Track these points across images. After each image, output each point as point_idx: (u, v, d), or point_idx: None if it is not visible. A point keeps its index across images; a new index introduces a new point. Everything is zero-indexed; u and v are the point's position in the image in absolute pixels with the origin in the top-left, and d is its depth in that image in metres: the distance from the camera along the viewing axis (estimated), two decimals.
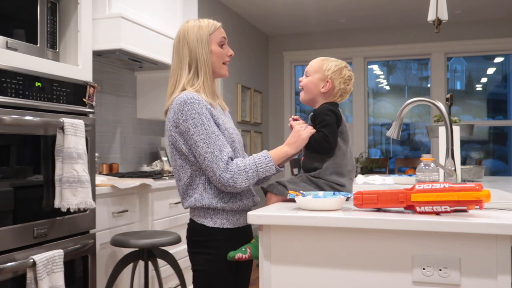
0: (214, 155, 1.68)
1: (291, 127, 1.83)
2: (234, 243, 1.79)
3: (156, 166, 4.04)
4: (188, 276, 2.59)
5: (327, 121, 1.74)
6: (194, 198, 1.76)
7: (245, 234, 1.85)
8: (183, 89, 1.80)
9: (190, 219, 1.82)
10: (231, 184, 1.68)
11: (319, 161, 1.74)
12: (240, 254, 1.73)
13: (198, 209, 1.78)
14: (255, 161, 1.72)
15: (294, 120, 1.87)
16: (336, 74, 1.80)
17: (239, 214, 1.81)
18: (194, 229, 1.80)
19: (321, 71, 1.81)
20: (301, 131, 1.77)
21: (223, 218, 1.77)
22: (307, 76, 1.85)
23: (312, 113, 1.83)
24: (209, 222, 1.76)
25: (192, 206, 1.77)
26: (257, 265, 1.74)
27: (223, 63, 1.87)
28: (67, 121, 2.32)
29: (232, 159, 1.72)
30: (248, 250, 1.75)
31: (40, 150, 2.30)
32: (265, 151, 1.77)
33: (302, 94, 1.86)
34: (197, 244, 1.79)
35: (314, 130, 1.77)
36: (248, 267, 1.92)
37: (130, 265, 2.77)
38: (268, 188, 1.80)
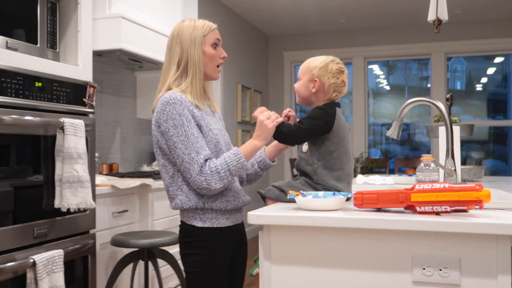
0: (191, 157, 1.67)
1: (254, 118, 1.81)
2: (225, 243, 1.78)
3: (156, 166, 4.04)
4: None
5: (310, 115, 1.73)
6: (180, 200, 1.75)
7: (237, 233, 1.85)
8: (169, 88, 1.79)
9: (181, 221, 1.82)
10: (205, 187, 1.68)
11: (313, 163, 1.73)
12: (258, 269, 1.72)
13: (186, 211, 1.78)
14: (225, 160, 1.70)
15: (286, 115, 1.88)
16: (322, 71, 1.76)
17: (228, 213, 1.80)
18: (184, 230, 1.80)
19: (308, 72, 1.78)
20: (265, 121, 1.74)
21: (212, 217, 1.76)
22: (299, 80, 1.85)
23: None
24: (198, 223, 1.75)
25: (179, 208, 1.77)
26: (250, 274, 1.74)
27: (217, 66, 1.86)
28: (67, 121, 2.32)
29: (209, 160, 1.71)
30: None
31: (40, 150, 2.30)
32: (235, 148, 1.76)
33: (297, 98, 1.86)
34: (189, 245, 1.78)
35: (280, 119, 1.76)
36: (242, 267, 1.92)
37: (130, 265, 2.77)
38: (266, 194, 1.78)
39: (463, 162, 6.37)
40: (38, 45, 2.42)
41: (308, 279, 1.42)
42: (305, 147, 1.78)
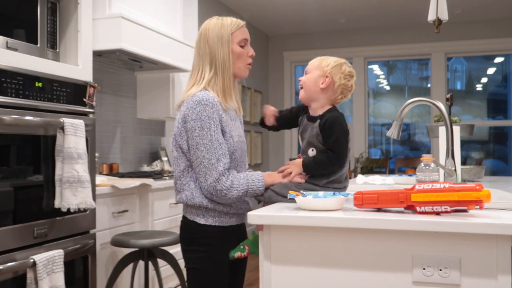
0: (210, 163, 1.68)
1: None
2: (226, 241, 1.78)
3: (156, 166, 4.04)
4: None
5: (335, 137, 1.69)
6: (185, 195, 1.76)
7: (239, 232, 1.85)
8: (204, 88, 1.77)
9: (183, 216, 1.83)
10: (219, 196, 1.70)
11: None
12: (239, 252, 1.74)
13: (190, 207, 1.79)
14: (248, 182, 1.72)
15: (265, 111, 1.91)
16: (335, 69, 1.76)
17: (230, 215, 1.81)
18: (186, 226, 1.81)
19: (320, 68, 1.78)
20: (296, 170, 1.75)
21: (215, 216, 1.77)
22: (306, 74, 1.83)
23: (319, 121, 1.74)
24: (201, 220, 1.76)
25: (183, 202, 1.78)
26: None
27: (248, 64, 1.85)
28: (67, 121, 2.32)
29: (228, 171, 1.72)
30: (246, 248, 1.76)
31: (40, 150, 2.30)
32: (260, 174, 1.77)
33: (301, 93, 1.83)
34: (190, 241, 1.79)
35: (303, 180, 1.75)
36: (243, 265, 1.92)
37: (130, 265, 2.77)
38: (265, 200, 1.79)
39: (463, 162, 6.37)
40: (38, 45, 2.42)
41: (308, 279, 1.42)
42: (311, 152, 1.77)
